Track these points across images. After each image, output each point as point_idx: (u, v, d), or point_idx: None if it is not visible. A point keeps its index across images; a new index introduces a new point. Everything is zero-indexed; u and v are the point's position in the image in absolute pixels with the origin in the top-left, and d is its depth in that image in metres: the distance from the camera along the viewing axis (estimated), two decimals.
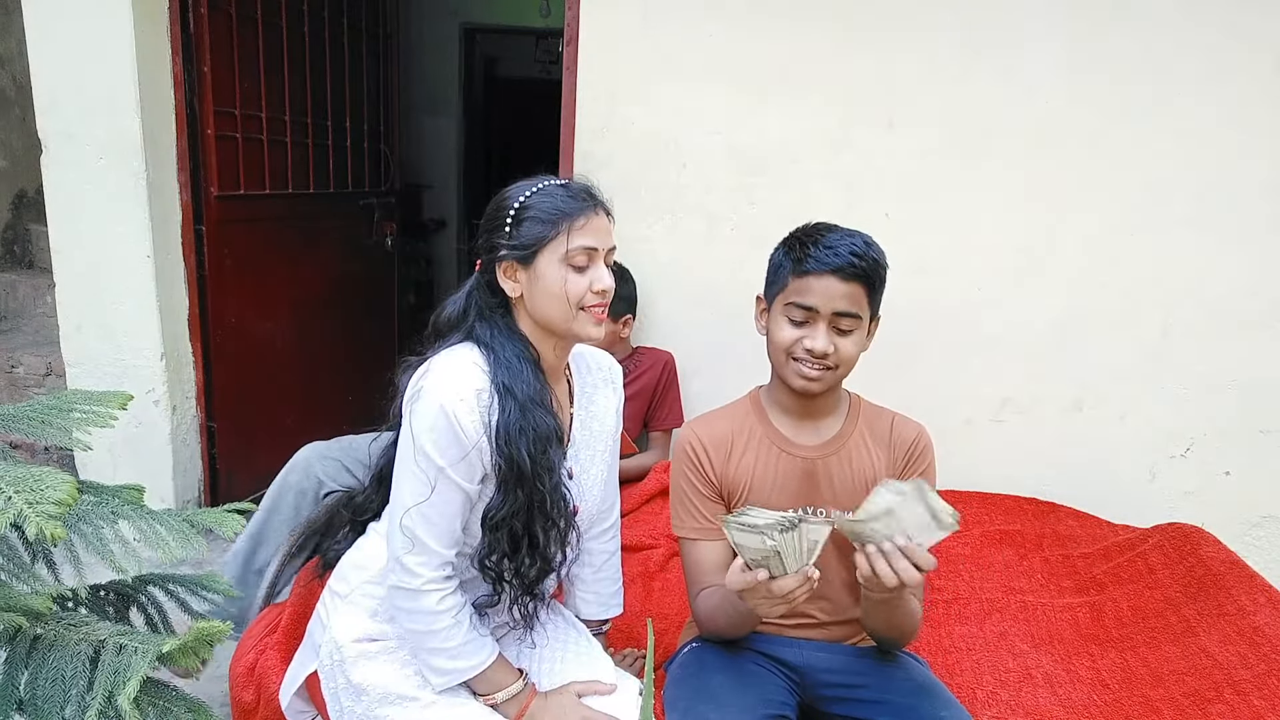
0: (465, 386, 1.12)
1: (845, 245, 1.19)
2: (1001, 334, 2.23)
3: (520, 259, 1.15)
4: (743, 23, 2.16)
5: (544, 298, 1.16)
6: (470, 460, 1.12)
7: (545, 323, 1.18)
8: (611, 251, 1.21)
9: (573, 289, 1.14)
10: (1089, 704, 1.43)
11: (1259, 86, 2.00)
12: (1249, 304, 2.10)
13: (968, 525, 2.06)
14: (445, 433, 1.10)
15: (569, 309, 1.15)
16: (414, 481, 1.13)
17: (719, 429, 1.32)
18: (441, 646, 1.16)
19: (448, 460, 1.11)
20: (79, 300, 2.50)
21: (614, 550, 1.46)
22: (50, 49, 2.32)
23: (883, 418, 1.33)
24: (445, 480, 1.12)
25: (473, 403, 1.12)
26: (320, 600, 1.32)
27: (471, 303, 1.22)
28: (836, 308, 1.19)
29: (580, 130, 2.28)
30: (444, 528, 1.15)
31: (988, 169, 2.14)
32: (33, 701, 0.89)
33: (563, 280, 1.14)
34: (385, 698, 1.19)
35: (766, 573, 1.03)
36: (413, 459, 1.12)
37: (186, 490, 2.66)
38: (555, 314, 1.16)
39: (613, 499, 1.44)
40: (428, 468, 1.11)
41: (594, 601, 1.45)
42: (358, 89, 3.10)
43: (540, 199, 1.16)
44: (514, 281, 1.18)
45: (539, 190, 1.17)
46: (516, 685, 1.21)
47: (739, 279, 2.27)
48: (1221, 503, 2.20)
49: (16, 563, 0.98)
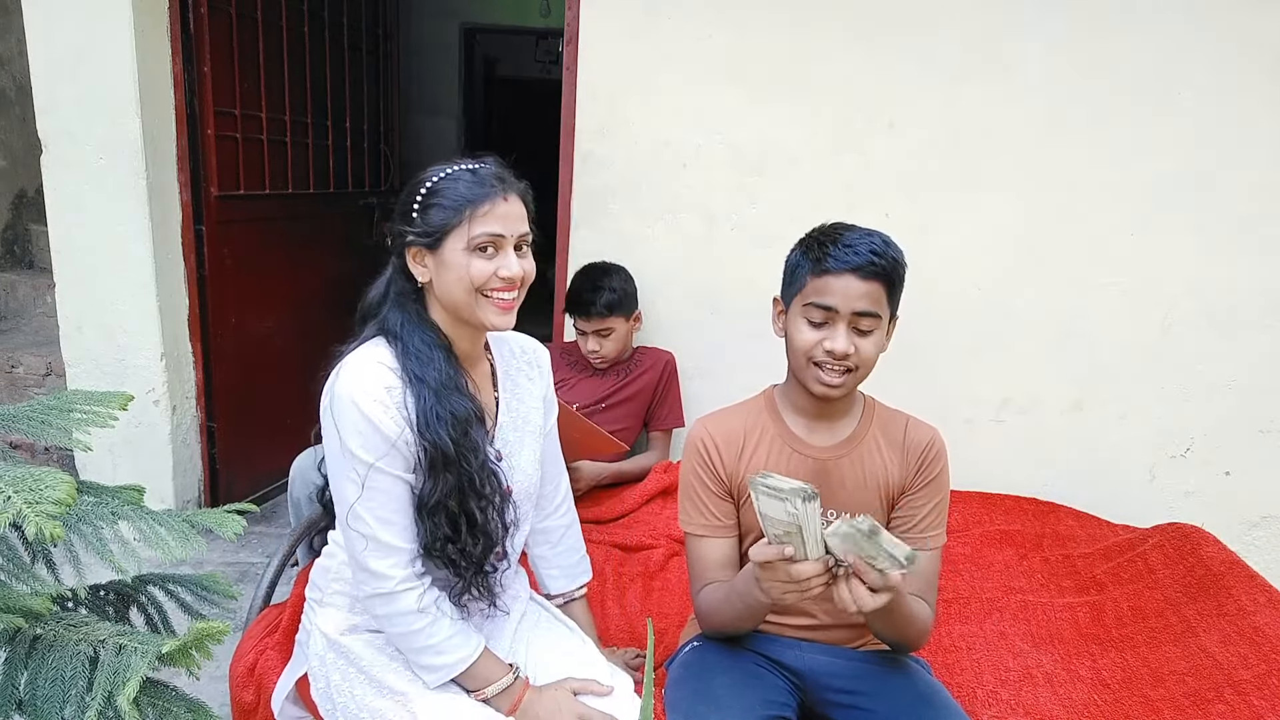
0: (375, 384, 1.12)
1: (864, 244, 1.18)
2: (1001, 334, 2.23)
3: (427, 245, 1.15)
4: (743, 23, 2.16)
5: (449, 285, 1.15)
6: (399, 450, 1.13)
7: (452, 309, 1.18)
8: (524, 238, 1.18)
9: (476, 275, 1.13)
10: (1089, 704, 1.43)
11: (1259, 86, 2.00)
12: (1249, 304, 2.10)
13: (967, 525, 2.06)
14: (368, 431, 1.11)
15: (472, 297, 1.15)
16: (351, 484, 1.13)
17: (731, 426, 1.32)
18: (428, 644, 1.16)
19: (377, 455, 1.12)
20: (79, 300, 2.50)
21: (570, 523, 1.48)
22: (50, 49, 2.31)
23: (897, 420, 1.32)
24: (381, 475, 1.12)
25: (385, 399, 1.12)
26: (304, 612, 1.34)
27: (389, 289, 1.22)
28: (856, 307, 1.18)
29: (580, 130, 2.28)
30: (402, 523, 1.15)
31: (988, 169, 2.14)
32: (32, 702, 0.89)
33: (466, 267, 1.13)
34: (378, 690, 1.20)
35: (792, 548, 1.02)
36: (344, 462, 1.13)
37: (186, 490, 2.66)
38: (460, 301, 1.16)
39: (557, 476, 1.46)
40: (359, 467, 1.12)
41: (560, 575, 1.47)
42: (358, 89, 3.10)
43: (447, 184, 1.15)
44: (422, 267, 1.17)
45: (446, 175, 1.16)
46: (507, 679, 1.21)
47: (739, 279, 2.28)
48: (1221, 503, 2.20)
49: (16, 563, 0.97)
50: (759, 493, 1.00)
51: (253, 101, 2.60)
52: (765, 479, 0.99)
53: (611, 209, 2.31)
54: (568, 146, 2.30)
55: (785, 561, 1.03)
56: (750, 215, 2.26)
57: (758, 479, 0.99)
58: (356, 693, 1.20)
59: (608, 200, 2.31)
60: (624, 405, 2.19)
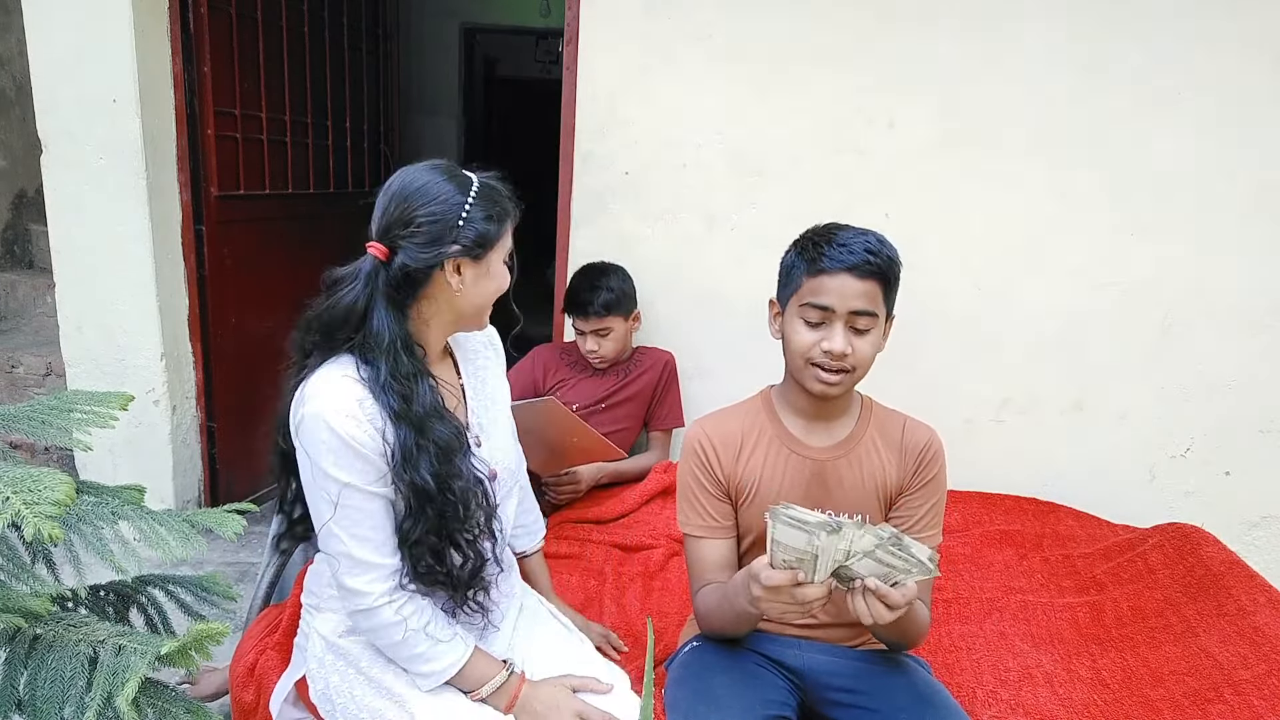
0: (346, 399, 1.11)
1: (859, 242, 1.18)
2: (1001, 334, 2.23)
3: (473, 256, 1.15)
4: (743, 23, 2.16)
5: (484, 295, 1.19)
6: (373, 464, 1.12)
7: (468, 316, 1.22)
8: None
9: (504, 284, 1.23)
10: (1089, 704, 1.43)
11: (1259, 86, 2.00)
12: (1249, 304, 2.10)
13: (967, 525, 2.06)
14: (340, 449, 1.09)
15: (489, 304, 1.23)
16: (325, 504, 1.12)
17: (729, 427, 1.32)
18: (416, 652, 1.16)
19: (353, 475, 1.11)
20: (79, 300, 2.50)
21: (525, 482, 1.53)
22: (50, 49, 2.31)
23: (894, 421, 1.32)
24: (355, 492, 1.11)
25: (358, 413, 1.10)
26: (301, 616, 1.35)
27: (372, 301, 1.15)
28: (853, 306, 1.18)
29: (580, 130, 2.28)
30: (379, 539, 1.14)
31: (988, 169, 2.14)
32: (32, 702, 0.89)
33: (505, 277, 1.21)
34: (377, 691, 1.20)
35: (803, 574, 1.01)
36: (317, 483, 1.13)
37: (186, 490, 2.66)
38: (482, 308, 1.22)
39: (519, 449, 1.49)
40: (332, 487, 1.11)
41: (523, 535, 1.54)
42: (358, 89, 3.10)
43: (489, 195, 1.17)
44: (458, 277, 1.16)
45: (485, 186, 1.17)
46: (500, 676, 1.21)
47: (739, 279, 2.28)
48: (1221, 503, 2.20)
49: (16, 563, 0.97)
50: (779, 522, 0.99)
51: (253, 101, 2.60)
52: (788, 510, 0.99)
53: (611, 209, 2.31)
54: (568, 146, 2.30)
55: (789, 586, 1.02)
56: (750, 215, 2.26)
57: (780, 510, 0.99)
58: (356, 694, 1.21)
59: (608, 200, 2.31)
60: (624, 405, 2.19)
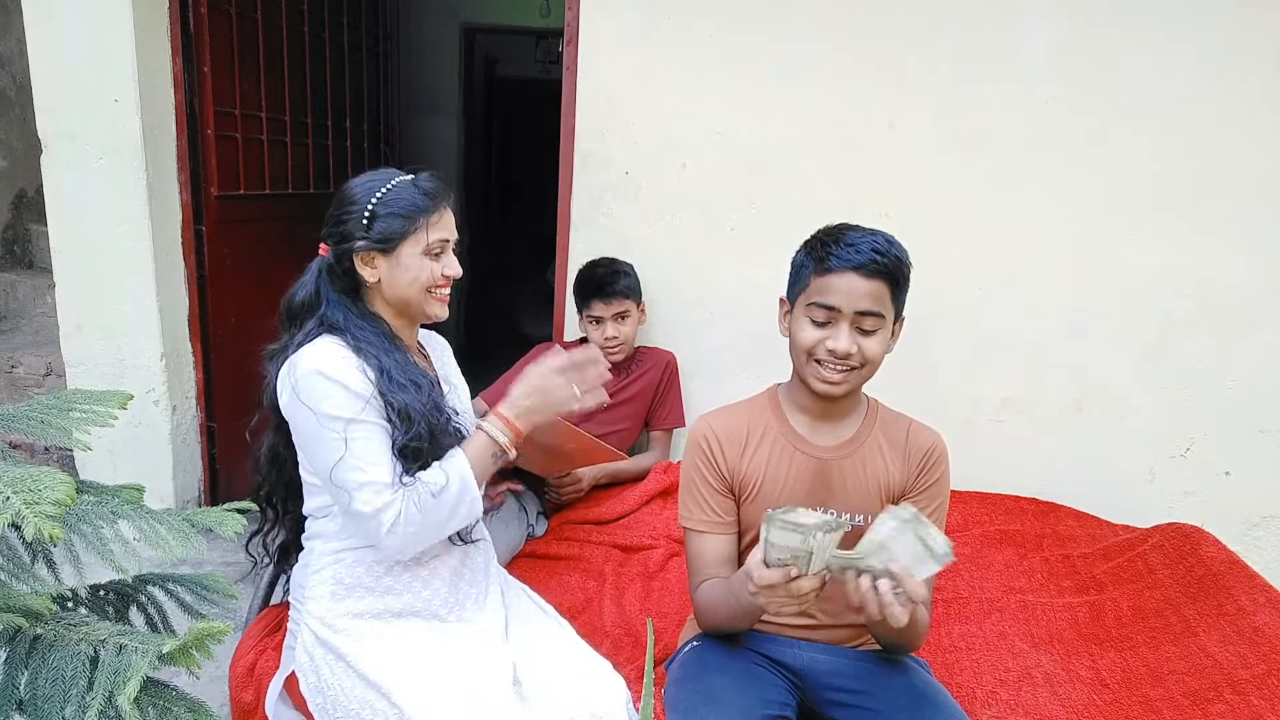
0: (334, 354, 1.23)
1: (867, 243, 1.19)
2: (1001, 334, 2.23)
3: (381, 250, 1.28)
4: (743, 23, 2.16)
5: (402, 284, 1.30)
6: (372, 404, 1.22)
7: (400, 304, 1.32)
8: (457, 242, 1.35)
9: (429, 276, 1.30)
10: (1089, 704, 1.43)
11: (1259, 86, 2.00)
12: (1249, 304, 2.10)
13: (968, 525, 2.06)
14: (338, 392, 1.20)
15: (422, 294, 1.31)
16: (334, 445, 1.20)
17: (734, 423, 1.32)
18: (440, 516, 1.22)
19: (354, 410, 1.20)
20: (79, 300, 2.50)
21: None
22: (50, 49, 2.31)
23: (900, 423, 1.32)
24: (361, 424, 1.21)
25: (349, 359, 1.23)
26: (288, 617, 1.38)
27: (321, 287, 1.32)
28: (859, 306, 1.18)
29: (580, 130, 2.28)
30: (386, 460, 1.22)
31: (988, 169, 2.14)
32: (33, 701, 0.89)
33: (422, 269, 1.29)
34: (365, 683, 1.21)
35: (796, 570, 1.01)
36: (324, 430, 1.20)
37: (186, 490, 2.66)
38: (412, 297, 1.31)
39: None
40: (338, 426, 1.20)
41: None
42: (358, 89, 3.10)
43: (396, 194, 1.28)
44: (371, 268, 1.30)
45: (394, 186, 1.28)
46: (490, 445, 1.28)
47: (739, 279, 2.27)
48: (1221, 503, 2.20)
49: (16, 563, 0.97)
50: (774, 526, 1.00)
51: (253, 101, 2.60)
52: (786, 514, 0.99)
53: (611, 209, 2.31)
54: (568, 146, 2.30)
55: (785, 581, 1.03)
56: (750, 215, 2.26)
57: (777, 514, 1.00)
58: (345, 685, 1.22)
59: (608, 200, 2.31)
60: (625, 405, 2.19)
